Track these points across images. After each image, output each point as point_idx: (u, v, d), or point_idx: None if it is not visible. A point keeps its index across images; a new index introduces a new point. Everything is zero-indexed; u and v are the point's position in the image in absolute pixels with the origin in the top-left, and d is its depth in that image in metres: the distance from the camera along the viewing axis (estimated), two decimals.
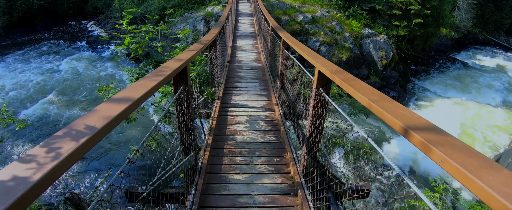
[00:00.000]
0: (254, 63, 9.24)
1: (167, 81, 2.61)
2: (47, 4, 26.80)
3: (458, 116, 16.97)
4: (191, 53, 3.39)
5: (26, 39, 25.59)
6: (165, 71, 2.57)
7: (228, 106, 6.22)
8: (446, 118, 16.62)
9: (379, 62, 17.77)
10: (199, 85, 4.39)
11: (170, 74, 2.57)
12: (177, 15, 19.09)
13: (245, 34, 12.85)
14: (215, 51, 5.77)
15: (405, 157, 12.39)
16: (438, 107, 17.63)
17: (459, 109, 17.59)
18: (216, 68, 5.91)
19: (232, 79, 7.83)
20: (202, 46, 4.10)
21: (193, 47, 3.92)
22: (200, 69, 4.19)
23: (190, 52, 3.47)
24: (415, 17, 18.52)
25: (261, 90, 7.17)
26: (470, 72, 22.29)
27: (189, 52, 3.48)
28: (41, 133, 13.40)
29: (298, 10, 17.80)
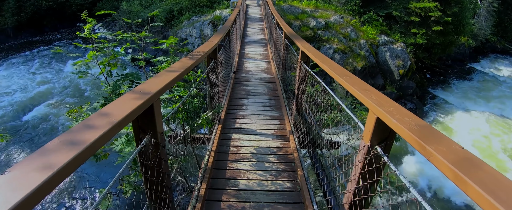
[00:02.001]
0: (264, 75, 7.87)
1: (119, 130, 1.34)
2: (56, 6, 25.88)
3: (481, 131, 15.37)
4: (165, 80, 2.04)
5: (34, 40, 24.68)
6: (113, 116, 1.26)
7: (230, 132, 4.85)
8: (469, 133, 15.04)
9: (396, 71, 16.25)
10: (186, 119, 3.04)
11: (121, 121, 1.27)
12: (184, 18, 17.86)
13: (254, 40, 11.50)
14: (215, 65, 4.42)
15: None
16: (459, 121, 16.02)
17: (481, 123, 15.95)
18: (216, 86, 4.55)
19: (238, 94, 6.47)
20: (192, 63, 2.74)
21: (176, 66, 2.58)
22: (184, 99, 2.82)
23: (165, 77, 2.13)
24: (435, 25, 16.96)
25: (272, 110, 5.79)
26: (490, 82, 20.59)
27: (163, 77, 2.13)
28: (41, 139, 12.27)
29: (310, 15, 16.40)
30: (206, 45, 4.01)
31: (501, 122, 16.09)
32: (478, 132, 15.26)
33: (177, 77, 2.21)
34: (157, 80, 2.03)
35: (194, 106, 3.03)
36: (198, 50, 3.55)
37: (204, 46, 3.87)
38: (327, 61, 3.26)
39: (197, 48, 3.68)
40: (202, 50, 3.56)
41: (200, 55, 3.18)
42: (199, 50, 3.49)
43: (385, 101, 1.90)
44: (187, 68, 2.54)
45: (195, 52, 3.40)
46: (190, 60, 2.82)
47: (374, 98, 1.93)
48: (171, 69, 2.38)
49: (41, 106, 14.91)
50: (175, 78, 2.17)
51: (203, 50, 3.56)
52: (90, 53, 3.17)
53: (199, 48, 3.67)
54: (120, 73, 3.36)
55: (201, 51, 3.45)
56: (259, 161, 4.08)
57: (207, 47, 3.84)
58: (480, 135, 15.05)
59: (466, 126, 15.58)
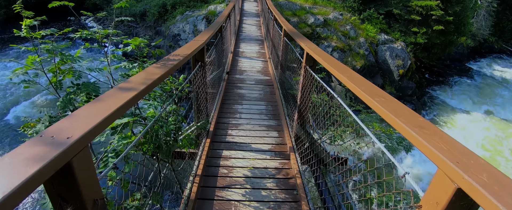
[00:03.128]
0: (260, 76, 7.05)
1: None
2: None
3: (480, 132, 14.79)
4: (102, 112, 1.23)
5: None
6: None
7: (221, 147, 4.05)
8: (469, 135, 14.44)
9: (396, 71, 15.53)
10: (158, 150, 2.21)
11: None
12: (178, 13, 16.90)
13: (250, 37, 10.66)
14: (202, 69, 3.59)
15: None
16: (458, 122, 15.41)
17: (481, 124, 15.37)
18: (203, 94, 3.72)
19: (231, 99, 5.65)
20: (162, 74, 1.93)
21: (137, 79, 1.76)
22: (149, 127, 1.96)
23: (105, 105, 1.32)
24: (436, 24, 16.23)
25: (270, 119, 4.98)
26: (489, 83, 19.99)
27: (103, 105, 1.32)
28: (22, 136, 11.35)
29: (309, 12, 15.56)
30: (190, 45, 3.18)
31: (500, 123, 15.52)
32: (477, 133, 14.67)
33: (128, 102, 1.40)
34: (91, 112, 1.22)
35: (167, 129, 2.21)
36: (178, 52, 2.73)
37: (187, 47, 3.03)
38: (345, 70, 2.46)
39: (178, 50, 2.85)
40: (183, 52, 2.73)
41: (177, 60, 2.36)
42: (179, 53, 2.67)
43: (465, 154, 1.10)
44: (152, 83, 1.73)
45: (174, 54, 2.57)
46: (161, 70, 2.00)
47: (446, 149, 1.14)
48: (124, 87, 1.57)
49: (27, 103, 13.96)
50: (124, 106, 1.35)
51: (185, 52, 2.73)
52: (29, 58, 2.32)
53: (180, 50, 2.84)
54: (76, 83, 2.53)
55: (182, 54, 2.63)
56: (254, 187, 3.29)
57: (191, 48, 3.01)
58: (480, 136, 14.48)
59: (466, 128, 14.99)
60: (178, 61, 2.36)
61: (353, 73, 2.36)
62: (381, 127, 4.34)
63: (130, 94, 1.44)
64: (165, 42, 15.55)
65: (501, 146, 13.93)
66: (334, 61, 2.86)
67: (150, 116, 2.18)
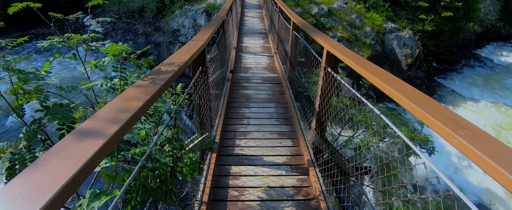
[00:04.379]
0: (267, 73, 6.44)
1: None
2: None
3: (492, 122, 14.18)
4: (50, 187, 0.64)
5: (21, 36, 22.91)
6: None
7: (229, 162, 3.48)
8: (480, 124, 13.82)
9: (404, 60, 14.82)
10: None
11: None
12: (176, 7, 16.17)
13: (253, 30, 10.00)
14: (204, 74, 3.00)
15: None
16: (469, 112, 14.77)
17: (492, 113, 14.73)
18: (206, 103, 3.13)
19: (237, 102, 5.06)
20: (146, 101, 1.35)
21: (104, 113, 1.17)
22: (131, 180, 1.39)
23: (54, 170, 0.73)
24: (444, 10, 15.44)
25: (281, 124, 4.40)
26: (498, 70, 19.23)
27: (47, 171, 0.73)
28: None
29: (312, 1, 14.81)
30: (188, 47, 2.58)
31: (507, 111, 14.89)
32: (489, 122, 14.07)
33: (83, 171, 0.82)
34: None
35: (161, 171, 1.63)
36: (173, 58, 2.14)
37: (184, 50, 2.44)
38: (390, 79, 1.87)
39: (174, 54, 2.26)
40: (179, 58, 2.14)
41: (171, 71, 1.77)
42: (173, 60, 2.07)
43: None
44: (131, 118, 1.14)
45: (167, 64, 1.98)
46: (147, 89, 1.42)
47: None
48: (86, 131, 0.99)
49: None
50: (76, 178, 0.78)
51: (181, 58, 2.14)
52: None
53: (177, 54, 2.25)
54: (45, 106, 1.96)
55: (178, 61, 2.04)
56: None
57: (189, 51, 2.42)
58: (492, 125, 13.88)
59: (477, 117, 14.36)
60: (173, 73, 1.77)
61: (401, 84, 1.77)
62: (408, 131, 3.75)
63: (87, 152, 0.87)
64: (165, 38, 14.89)
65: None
66: (369, 64, 2.26)
67: (137, 152, 1.60)
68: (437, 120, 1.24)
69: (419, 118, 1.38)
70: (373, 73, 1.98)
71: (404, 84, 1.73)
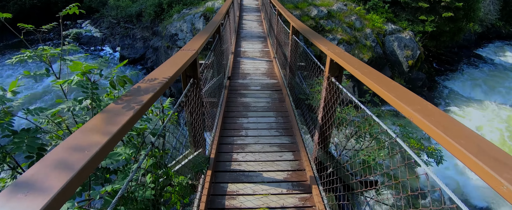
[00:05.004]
0: (266, 79, 6.17)
1: None
2: (41, 4, 23.80)
3: (494, 122, 13.91)
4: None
5: (18, 41, 22.67)
6: None
7: (225, 180, 3.20)
8: (483, 126, 13.54)
9: (405, 62, 14.55)
10: None
11: None
12: (174, 12, 15.93)
13: (251, 34, 9.74)
14: (196, 86, 2.72)
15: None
16: (472, 113, 14.50)
17: (496, 114, 14.46)
18: (198, 117, 2.86)
19: (235, 111, 4.79)
20: (123, 123, 1.08)
21: (56, 155, 0.90)
22: None
23: None
24: (445, 11, 15.18)
25: (281, 135, 4.12)
26: (499, 71, 18.94)
27: None
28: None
29: (311, 4, 14.56)
30: (177, 58, 2.31)
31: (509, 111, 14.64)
32: (493, 123, 13.80)
33: None
34: None
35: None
36: (158, 72, 1.87)
37: (172, 62, 2.17)
38: (404, 94, 1.60)
39: (160, 67, 1.99)
40: (165, 72, 1.87)
41: (152, 90, 1.50)
42: (157, 75, 1.80)
43: None
44: (89, 162, 0.87)
45: (147, 80, 1.71)
46: (113, 123, 1.14)
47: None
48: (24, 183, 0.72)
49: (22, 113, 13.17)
50: None
51: (167, 72, 1.87)
52: None
53: (163, 67, 1.98)
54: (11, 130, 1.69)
55: (162, 77, 1.77)
56: None
57: (178, 63, 2.15)
58: (496, 126, 13.61)
59: (480, 119, 14.09)
60: (153, 93, 1.50)
61: (424, 104, 1.49)
62: (419, 143, 3.47)
63: None
64: (163, 43, 14.64)
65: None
66: (380, 77, 1.99)
67: (109, 191, 1.32)
68: (482, 162, 0.96)
69: (454, 155, 1.10)
70: (387, 88, 1.70)
71: (427, 104, 1.45)
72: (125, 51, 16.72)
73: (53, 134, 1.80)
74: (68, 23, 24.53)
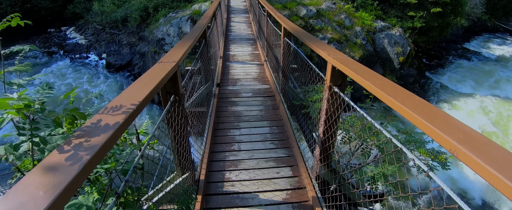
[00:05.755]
0: (258, 84, 5.79)
1: None
2: (22, 12, 22.93)
3: (486, 115, 13.85)
4: None
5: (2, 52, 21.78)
6: None
7: (217, 205, 2.81)
8: (475, 118, 13.46)
9: (396, 59, 14.35)
10: None
11: None
12: (161, 16, 15.43)
13: (240, 36, 9.35)
14: (178, 104, 2.32)
15: None
16: (463, 106, 14.41)
17: (487, 107, 14.39)
18: (183, 142, 2.46)
19: (225, 122, 4.39)
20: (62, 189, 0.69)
21: None
22: None
23: None
24: (433, 6, 15.04)
25: (277, 147, 3.75)
26: (487, 63, 18.95)
27: None
28: None
29: (300, 3, 14.24)
30: (154, 72, 1.92)
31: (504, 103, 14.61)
32: (485, 115, 13.73)
33: None
34: None
35: None
36: (121, 99, 1.47)
37: (149, 76, 1.78)
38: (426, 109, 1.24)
39: (124, 93, 1.59)
40: (130, 99, 1.47)
41: (112, 128, 1.11)
42: (121, 102, 1.41)
43: None
44: None
45: (110, 107, 1.32)
46: (51, 187, 0.75)
47: None
48: None
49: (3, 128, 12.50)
50: None
51: (133, 99, 1.47)
52: None
53: (128, 92, 1.59)
54: None
55: (127, 105, 1.37)
56: None
57: (155, 78, 1.76)
58: (488, 119, 13.55)
59: (471, 112, 14.03)
60: (113, 131, 1.11)
61: (455, 124, 1.14)
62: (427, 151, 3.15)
63: None
64: (150, 48, 14.14)
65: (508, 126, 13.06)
66: (396, 88, 1.63)
67: None
68: None
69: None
70: (414, 107, 1.35)
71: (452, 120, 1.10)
72: (111, 58, 16.14)
73: None
74: (52, 31, 23.76)
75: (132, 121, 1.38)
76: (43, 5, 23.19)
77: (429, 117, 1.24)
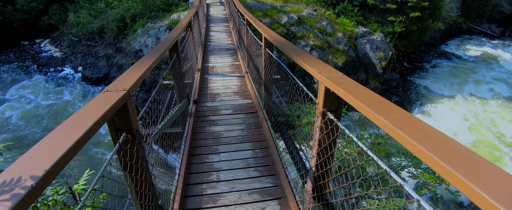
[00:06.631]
0: (239, 99, 5.28)
1: None
2: None
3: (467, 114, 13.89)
4: None
5: None
6: None
7: None
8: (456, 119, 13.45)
9: (378, 64, 14.20)
10: None
11: None
12: (138, 26, 14.76)
13: (220, 46, 8.85)
14: (132, 144, 1.80)
15: None
16: (444, 108, 14.43)
17: (466, 107, 14.45)
18: (145, 185, 1.93)
19: (203, 145, 3.85)
20: None
21: None
22: None
23: None
24: (412, 11, 15.03)
25: (262, 175, 3.23)
26: (464, 64, 19.21)
27: None
28: None
29: (281, 11, 13.91)
30: (94, 108, 1.40)
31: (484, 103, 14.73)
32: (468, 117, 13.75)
33: None
34: None
35: None
36: (33, 154, 0.94)
37: (69, 125, 1.26)
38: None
39: (43, 141, 1.07)
40: (38, 161, 0.95)
41: None
42: (25, 164, 0.88)
43: None
44: None
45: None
46: None
47: None
48: None
49: None
50: None
51: (44, 158, 0.95)
52: None
53: (42, 144, 1.06)
54: None
55: (29, 175, 0.85)
56: None
57: (83, 124, 1.24)
58: (465, 118, 13.58)
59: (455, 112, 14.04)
60: None
61: None
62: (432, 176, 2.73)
63: None
64: (127, 60, 13.44)
65: (489, 121, 13.11)
66: (417, 125, 1.17)
67: None
68: None
69: None
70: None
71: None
72: (88, 71, 15.29)
73: None
74: (26, 43, 22.57)
75: (42, 190, 0.87)
76: (16, 17, 22.03)
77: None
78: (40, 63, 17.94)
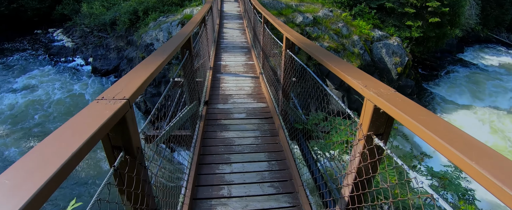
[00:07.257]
0: (253, 102, 4.91)
1: None
2: (8, 12, 21.66)
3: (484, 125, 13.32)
4: None
5: None
6: None
7: None
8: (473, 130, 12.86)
9: (394, 69, 13.66)
10: None
11: None
12: (150, 19, 14.47)
13: (233, 44, 8.47)
14: (131, 165, 1.44)
15: None
16: (460, 118, 13.88)
17: (485, 118, 13.85)
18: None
19: (213, 153, 3.49)
20: None
21: None
22: None
23: None
24: (432, 16, 14.43)
25: (278, 192, 2.85)
26: (481, 74, 18.50)
27: None
28: None
29: (296, 10, 13.46)
30: (83, 124, 1.04)
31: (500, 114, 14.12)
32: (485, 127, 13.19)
33: None
34: None
35: None
36: None
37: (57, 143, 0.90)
38: None
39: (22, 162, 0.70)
40: None
41: None
42: None
43: None
44: None
45: None
46: None
47: None
48: None
49: None
50: None
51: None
52: None
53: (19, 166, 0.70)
54: None
55: None
56: None
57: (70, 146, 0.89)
58: (484, 130, 13.01)
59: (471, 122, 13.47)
60: None
61: None
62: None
63: None
64: (138, 54, 13.18)
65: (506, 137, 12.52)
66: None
67: None
68: None
69: None
70: None
71: None
72: (98, 63, 15.09)
73: None
74: (39, 32, 22.54)
75: None
76: (30, 5, 21.96)
77: None
78: (51, 53, 17.82)
